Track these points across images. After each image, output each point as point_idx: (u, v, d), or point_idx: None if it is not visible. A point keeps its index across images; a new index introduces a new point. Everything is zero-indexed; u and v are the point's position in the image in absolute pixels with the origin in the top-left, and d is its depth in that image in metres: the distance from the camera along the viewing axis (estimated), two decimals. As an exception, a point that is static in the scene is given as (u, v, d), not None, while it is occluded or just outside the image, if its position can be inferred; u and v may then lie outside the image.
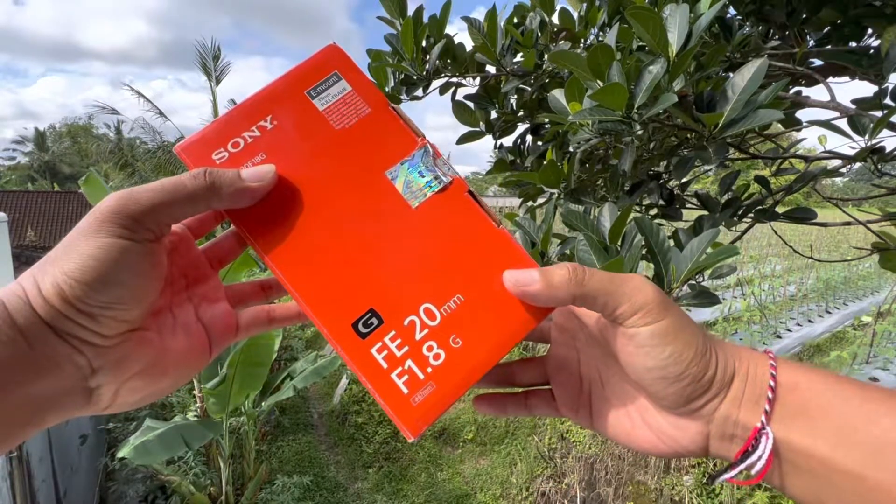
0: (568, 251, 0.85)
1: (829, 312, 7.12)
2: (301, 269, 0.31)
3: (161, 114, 9.62)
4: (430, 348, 0.30)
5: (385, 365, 0.30)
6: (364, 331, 0.31)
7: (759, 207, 1.03)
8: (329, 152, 0.33)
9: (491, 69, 1.14)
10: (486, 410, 0.36)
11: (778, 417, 0.27)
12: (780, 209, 1.04)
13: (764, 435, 0.27)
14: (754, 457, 0.27)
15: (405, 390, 0.30)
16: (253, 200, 0.31)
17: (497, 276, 0.32)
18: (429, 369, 0.30)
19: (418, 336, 0.31)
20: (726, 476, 0.29)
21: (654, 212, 1.18)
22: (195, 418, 3.40)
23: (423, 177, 0.33)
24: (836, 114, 0.90)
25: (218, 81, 9.43)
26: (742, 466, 0.28)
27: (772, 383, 0.28)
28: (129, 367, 0.27)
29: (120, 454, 2.71)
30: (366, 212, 0.32)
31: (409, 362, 0.30)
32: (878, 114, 0.83)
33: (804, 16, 1.01)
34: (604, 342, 0.32)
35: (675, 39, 0.64)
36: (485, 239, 0.33)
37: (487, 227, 0.33)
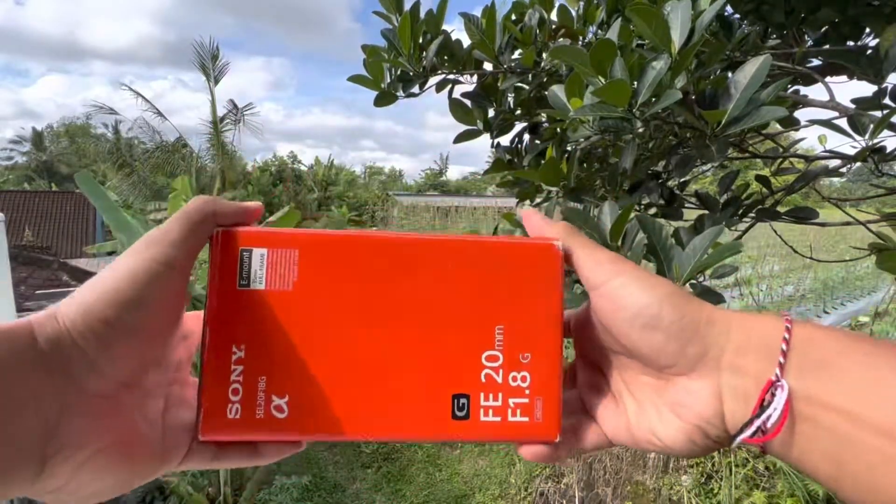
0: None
1: (827, 313, 7.14)
2: (368, 418, 0.31)
3: (159, 114, 9.60)
4: (514, 378, 0.33)
5: (498, 419, 0.33)
6: (462, 413, 0.32)
7: (760, 207, 1.02)
8: (295, 309, 0.31)
9: (489, 66, 1.13)
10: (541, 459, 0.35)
11: (795, 369, 0.25)
12: (780, 209, 1.04)
13: (779, 387, 0.25)
14: (770, 410, 0.25)
15: (526, 419, 0.33)
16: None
17: (510, 282, 0.33)
18: (527, 391, 0.33)
19: (500, 379, 0.33)
20: (743, 436, 0.26)
21: (653, 211, 1.18)
22: (192, 419, 3.38)
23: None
24: (836, 113, 0.90)
25: (217, 81, 9.40)
26: (758, 422, 0.25)
27: (786, 335, 0.26)
28: (98, 434, 0.24)
29: (117, 455, 2.70)
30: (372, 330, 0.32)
31: (511, 400, 0.33)
32: (878, 114, 0.83)
33: (802, 15, 1.01)
34: (606, 334, 0.32)
35: (677, 36, 0.64)
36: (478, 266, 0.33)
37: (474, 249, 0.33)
